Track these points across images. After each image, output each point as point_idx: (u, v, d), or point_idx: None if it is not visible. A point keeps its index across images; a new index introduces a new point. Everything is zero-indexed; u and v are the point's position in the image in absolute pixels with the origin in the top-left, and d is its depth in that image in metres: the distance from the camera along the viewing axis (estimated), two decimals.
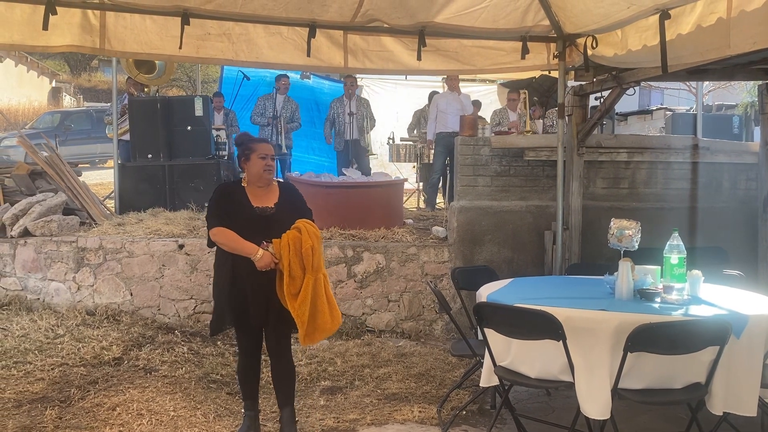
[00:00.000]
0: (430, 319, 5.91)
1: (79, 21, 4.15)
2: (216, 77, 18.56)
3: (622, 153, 5.94)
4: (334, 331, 3.62)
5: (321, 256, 3.52)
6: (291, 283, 3.38)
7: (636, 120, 15.48)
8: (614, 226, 3.82)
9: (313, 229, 3.48)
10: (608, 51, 4.44)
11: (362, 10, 4.27)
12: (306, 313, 3.39)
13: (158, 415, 3.82)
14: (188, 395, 4.16)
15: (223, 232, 3.41)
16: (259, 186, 3.54)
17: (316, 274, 3.43)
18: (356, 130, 8.56)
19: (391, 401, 4.26)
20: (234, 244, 3.40)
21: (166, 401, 4.02)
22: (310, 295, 3.40)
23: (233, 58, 4.42)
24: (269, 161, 3.51)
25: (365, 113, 8.76)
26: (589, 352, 3.12)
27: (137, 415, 3.80)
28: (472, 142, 5.91)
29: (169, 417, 3.82)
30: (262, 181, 3.53)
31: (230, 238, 3.40)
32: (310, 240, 3.41)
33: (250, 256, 3.37)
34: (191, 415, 3.88)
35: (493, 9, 4.39)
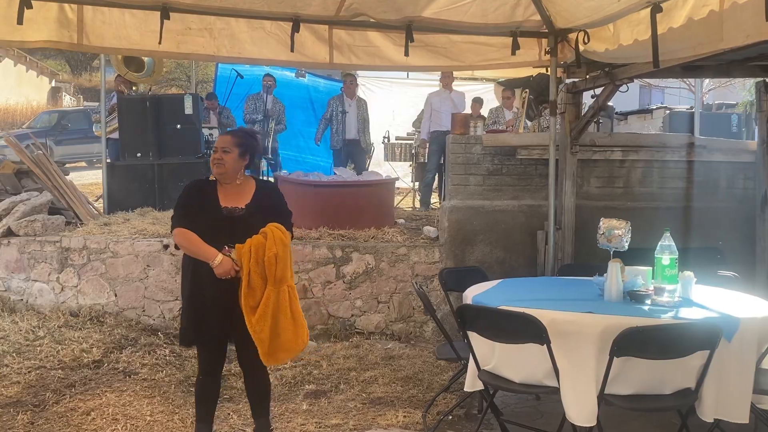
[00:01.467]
0: (420, 320, 5.80)
1: (56, 15, 4.05)
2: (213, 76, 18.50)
3: (616, 151, 5.83)
4: (300, 351, 3.36)
5: (287, 266, 3.18)
6: (250, 295, 3.08)
7: (636, 119, 15.37)
8: (603, 225, 3.71)
9: (281, 235, 3.16)
10: (600, 46, 4.32)
11: (346, 4, 4.16)
12: (265, 330, 3.08)
13: (134, 420, 3.72)
14: (167, 399, 4.06)
15: (183, 233, 3.15)
16: (225, 183, 3.28)
17: (279, 285, 3.12)
18: (355, 129, 8.45)
19: (376, 405, 4.15)
20: (192, 247, 3.14)
21: (143, 405, 3.91)
22: (270, 310, 3.10)
23: (215, 53, 4.32)
24: (220, 154, 3.22)
25: (364, 114, 8.63)
26: (575, 356, 3.01)
27: (112, 420, 3.70)
28: (464, 140, 5.80)
29: (145, 422, 3.71)
30: (219, 177, 3.28)
31: (190, 240, 3.13)
32: (274, 247, 3.10)
33: (209, 261, 3.09)
34: (168, 420, 3.77)
35: (481, 3, 4.29)
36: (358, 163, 8.48)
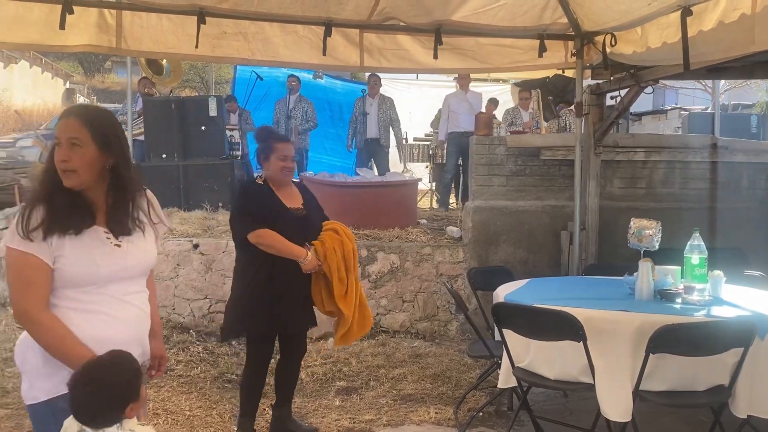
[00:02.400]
0: (444, 319, 5.87)
1: (96, 20, 4.15)
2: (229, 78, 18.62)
3: (639, 152, 5.88)
4: (368, 331, 3.70)
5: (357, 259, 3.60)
6: (340, 285, 3.43)
7: (650, 120, 15.36)
8: (634, 225, 3.77)
9: (349, 231, 3.57)
10: (627, 49, 4.38)
11: (379, 8, 4.24)
12: (353, 314, 3.46)
13: (174, 415, 3.81)
14: (204, 395, 4.15)
15: (269, 233, 3.31)
16: (280, 186, 3.48)
17: (356, 275, 3.52)
18: (375, 128, 8.52)
19: (407, 402, 4.23)
20: (282, 246, 3.32)
21: (181, 401, 4.01)
22: (356, 297, 3.48)
23: (249, 57, 4.41)
24: (288, 163, 3.45)
25: (389, 112, 8.69)
26: (610, 353, 3.07)
27: (153, 415, 3.79)
28: (488, 141, 5.87)
29: (185, 417, 3.81)
30: (278, 181, 3.47)
31: (279, 240, 3.32)
32: (350, 243, 3.49)
33: (298, 258, 3.34)
34: (207, 414, 3.87)
35: (510, 7, 4.36)
36: (380, 163, 8.55)
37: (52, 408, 1.91)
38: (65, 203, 1.91)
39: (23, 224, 1.87)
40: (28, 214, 1.88)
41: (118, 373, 1.81)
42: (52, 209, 1.90)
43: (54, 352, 1.88)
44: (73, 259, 1.90)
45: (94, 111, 2.02)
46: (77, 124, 1.92)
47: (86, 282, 1.93)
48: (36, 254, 1.87)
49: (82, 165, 1.91)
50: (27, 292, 1.87)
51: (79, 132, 1.91)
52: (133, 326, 2.04)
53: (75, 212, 1.93)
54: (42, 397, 1.92)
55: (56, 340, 1.87)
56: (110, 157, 1.96)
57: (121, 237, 2.00)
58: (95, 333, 1.93)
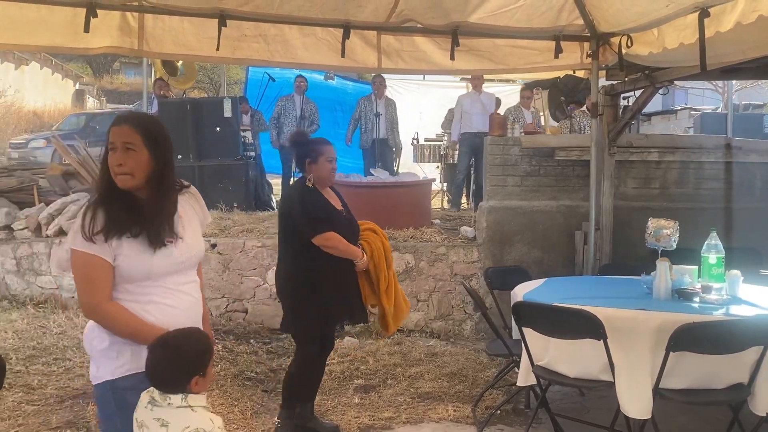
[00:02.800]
0: (459, 319, 5.91)
1: (118, 23, 4.20)
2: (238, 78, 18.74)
3: (653, 153, 5.90)
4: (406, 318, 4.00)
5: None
6: (383, 282, 3.63)
7: (660, 120, 15.36)
8: (652, 225, 3.80)
9: (381, 230, 3.79)
10: (643, 50, 4.40)
11: (397, 11, 4.28)
12: (395, 305, 3.70)
13: None
14: (225, 392, 4.21)
15: (335, 236, 3.47)
16: (323, 188, 3.61)
17: (392, 270, 3.74)
18: (383, 129, 8.57)
19: (425, 400, 4.28)
20: (344, 247, 3.49)
21: None
22: (395, 290, 3.73)
23: (269, 58, 4.46)
24: (335, 164, 3.61)
25: (393, 115, 8.76)
26: (630, 351, 3.11)
27: None
28: (502, 141, 5.90)
29: None
30: (326, 183, 3.61)
31: (341, 242, 3.48)
32: (386, 240, 3.73)
33: (356, 258, 3.52)
34: (229, 411, 3.92)
35: (527, 8, 4.39)
36: (386, 163, 8.60)
37: (113, 387, 2.10)
38: (122, 207, 2.09)
39: (86, 228, 2.03)
40: (90, 218, 2.04)
41: (192, 345, 2.00)
42: (111, 213, 2.08)
43: (124, 336, 2.09)
44: (130, 257, 2.07)
45: (144, 117, 2.21)
46: (131, 130, 2.08)
47: (143, 277, 2.11)
48: (99, 255, 2.04)
49: (136, 168, 2.08)
50: (93, 290, 2.06)
51: (132, 137, 2.07)
52: (187, 313, 2.20)
53: (131, 216, 2.09)
54: (106, 377, 2.11)
55: (123, 325, 2.08)
56: (159, 160, 2.12)
57: (170, 236, 2.14)
58: (154, 322, 2.11)
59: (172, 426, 1.93)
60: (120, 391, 2.10)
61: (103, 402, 2.15)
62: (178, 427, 1.93)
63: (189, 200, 2.30)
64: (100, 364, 2.14)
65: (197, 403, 1.97)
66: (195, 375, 1.97)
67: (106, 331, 2.11)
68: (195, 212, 2.31)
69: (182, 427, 1.92)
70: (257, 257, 5.89)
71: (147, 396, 1.99)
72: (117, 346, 2.10)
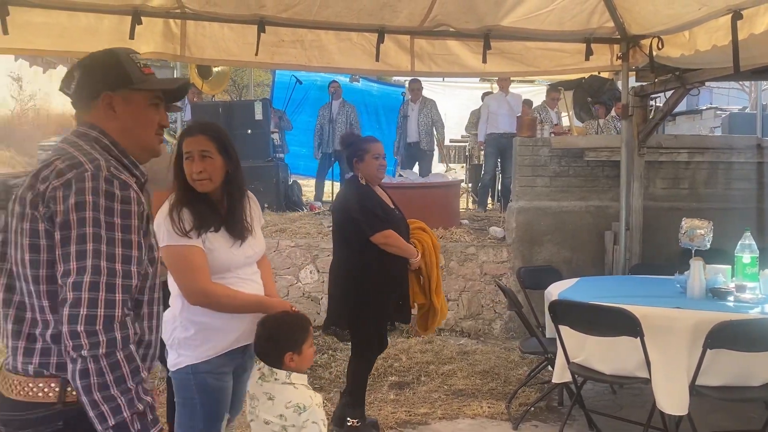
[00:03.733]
0: (488, 318, 5.98)
1: (162, 29, 4.35)
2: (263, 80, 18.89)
3: (682, 153, 5.93)
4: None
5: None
6: (435, 280, 3.71)
7: (685, 120, 15.22)
8: (686, 225, 3.85)
9: (430, 228, 3.86)
10: (675, 52, 4.45)
11: (431, 16, 4.37)
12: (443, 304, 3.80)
13: None
14: None
15: (393, 234, 3.53)
16: (374, 186, 3.69)
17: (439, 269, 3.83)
18: (416, 133, 8.65)
19: (459, 397, 4.36)
20: (402, 245, 3.56)
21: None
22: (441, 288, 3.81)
23: (306, 63, 4.57)
24: (382, 161, 3.65)
25: (431, 114, 8.80)
26: (666, 349, 3.18)
27: None
28: (531, 142, 5.97)
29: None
30: (376, 180, 3.67)
31: (400, 240, 3.55)
32: (435, 239, 3.80)
33: (411, 257, 3.59)
34: None
35: (559, 12, 4.45)
36: (423, 166, 8.67)
37: (194, 370, 2.30)
38: (203, 206, 2.30)
39: (179, 225, 2.24)
40: (179, 218, 2.25)
41: (289, 324, 2.26)
42: (197, 212, 2.31)
43: (235, 309, 2.31)
44: (214, 251, 2.30)
45: (213, 126, 2.40)
46: (205, 139, 2.30)
47: (224, 269, 2.33)
48: (197, 245, 2.27)
49: (214, 173, 2.30)
50: (197, 276, 2.26)
51: (207, 145, 2.29)
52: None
53: (212, 214, 2.33)
54: (186, 362, 2.30)
55: (231, 299, 2.30)
56: (231, 164, 2.34)
57: (246, 231, 2.36)
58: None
59: (277, 400, 2.16)
60: (201, 375, 2.29)
61: (183, 386, 2.33)
62: (281, 401, 2.16)
63: (249, 201, 2.49)
64: (181, 351, 2.33)
65: (299, 381, 2.20)
66: (288, 351, 2.20)
67: (190, 321, 2.30)
68: (255, 212, 2.50)
69: (285, 402, 2.15)
70: (290, 257, 6.01)
71: (258, 372, 2.25)
72: (201, 334, 2.30)
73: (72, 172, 1.46)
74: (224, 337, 2.31)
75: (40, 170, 1.50)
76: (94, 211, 1.42)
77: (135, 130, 1.64)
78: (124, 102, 1.62)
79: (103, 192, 1.44)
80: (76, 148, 1.54)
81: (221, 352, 2.31)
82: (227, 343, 2.33)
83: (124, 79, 1.62)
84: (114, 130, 1.61)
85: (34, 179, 1.49)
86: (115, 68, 1.62)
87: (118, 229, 1.44)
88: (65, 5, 4.04)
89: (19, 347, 1.49)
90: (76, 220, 1.41)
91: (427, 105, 8.84)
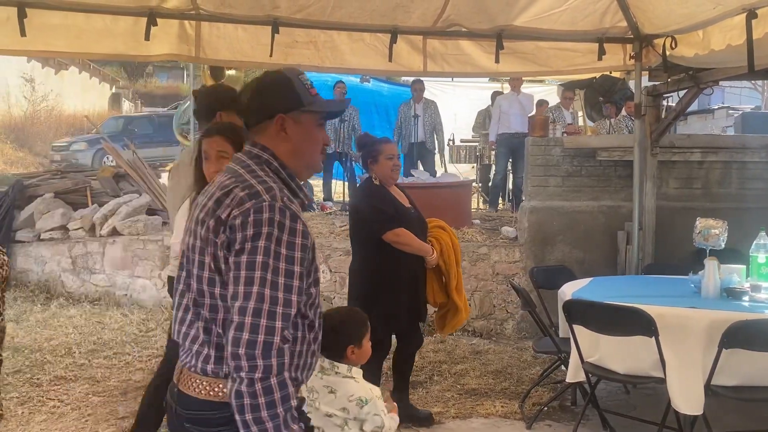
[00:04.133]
0: (500, 318, 5.99)
1: (177, 31, 4.38)
2: None
3: (695, 153, 5.91)
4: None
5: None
6: (454, 278, 3.74)
7: (696, 119, 15.15)
8: (700, 224, 3.84)
9: (450, 227, 3.86)
10: (688, 51, 4.44)
11: (444, 16, 4.39)
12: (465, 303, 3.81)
13: None
14: None
15: (405, 232, 3.55)
16: (389, 186, 3.70)
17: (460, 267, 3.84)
18: (421, 132, 8.68)
19: (472, 396, 4.37)
20: (416, 244, 3.57)
21: None
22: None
23: (319, 64, 4.60)
24: (396, 161, 3.68)
25: (434, 116, 8.83)
26: (681, 348, 3.17)
27: None
28: (543, 142, 5.96)
29: None
30: (390, 181, 3.68)
31: (412, 238, 3.55)
32: (455, 237, 3.80)
33: (427, 255, 3.59)
34: None
35: (572, 11, 4.46)
36: (428, 165, 8.69)
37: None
38: None
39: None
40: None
41: (348, 319, 2.36)
42: None
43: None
44: None
45: (231, 127, 2.44)
46: (222, 140, 2.37)
47: None
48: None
49: None
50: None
51: (224, 146, 2.36)
52: None
53: None
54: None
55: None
56: None
57: None
58: None
59: (339, 393, 2.23)
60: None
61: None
62: (344, 395, 2.22)
63: None
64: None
65: (359, 375, 2.27)
66: (350, 344, 2.29)
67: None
68: None
69: (348, 395, 2.22)
70: None
71: (318, 365, 2.25)
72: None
73: (251, 201, 1.57)
74: None
75: (220, 198, 1.61)
76: (266, 241, 1.53)
77: (304, 150, 1.74)
78: (295, 123, 1.71)
79: (277, 223, 1.55)
80: (251, 174, 1.65)
81: None
82: None
83: (296, 101, 1.70)
84: (284, 151, 1.71)
85: (216, 205, 1.61)
86: (288, 90, 1.71)
87: (284, 260, 1.54)
88: (82, 7, 4.08)
89: (211, 355, 1.61)
90: (250, 248, 1.53)
91: (430, 106, 8.88)
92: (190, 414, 1.63)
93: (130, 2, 4.09)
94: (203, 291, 1.61)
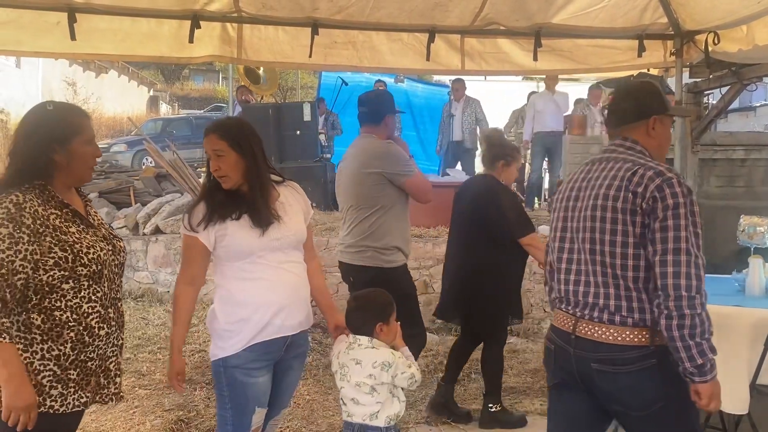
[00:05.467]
0: (537, 317, 5.96)
1: (219, 33, 4.48)
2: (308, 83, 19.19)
3: (738, 150, 5.81)
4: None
5: None
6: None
7: (737, 117, 14.86)
8: (744, 222, 3.79)
9: None
10: (732, 47, 4.37)
11: (482, 15, 4.40)
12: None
13: (295, 398, 4.09)
14: (318, 381, 4.43)
15: (537, 238, 3.72)
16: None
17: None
18: (458, 131, 8.68)
19: (511, 394, 4.38)
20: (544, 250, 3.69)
21: (299, 386, 4.29)
22: None
23: (358, 64, 4.65)
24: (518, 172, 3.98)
25: (475, 113, 8.82)
26: (726, 346, 3.10)
27: None
28: (582, 140, 5.94)
29: (305, 400, 4.09)
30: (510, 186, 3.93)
31: (542, 245, 3.63)
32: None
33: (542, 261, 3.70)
34: (324, 399, 4.14)
35: (611, 9, 4.43)
36: (466, 164, 8.69)
37: (224, 364, 2.37)
38: (222, 198, 2.41)
39: (187, 220, 2.42)
40: (191, 213, 2.43)
41: (376, 298, 2.52)
42: (212, 204, 2.40)
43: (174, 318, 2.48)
44: (235, 236, 2.37)
45: (226, 124, 2.46)
46: (216, 138, 2.37)
47: (247, 253, 2.38)
48: (197, 236, 2.39)
49: (229, 169, 2.36)
50: (183, 268, 2.47)
51: (219, 144, 2.36)
52: (292, 289, 2.45)
53: (232, 203, 2.39)
54: (220, 354, 2.38)
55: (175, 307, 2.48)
56: (247, 157, 2.38)
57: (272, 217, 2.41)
58: (260, 294, 2.37)
59: (364, 363, 2.38)
60: (230, 369, 2.36)
61: (216, 377, 2.43)
62: (368, 363, 2.35)
63: (292, 192, 2.56)
64: (215, 342, 2.44)
65: (379, 345, 2.42)
66: (379, 321, 2.43)
67: (220, 312, 2.38)
68: (298, 202, 2.55)
69: (371, 362, 2.35)
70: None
71: (345, 343, 2.47)
72: (229, 326, 2.38)
73: (659, 178, 2.00)
74: (251, 328, 2.35)
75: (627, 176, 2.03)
76: (686, 208, 1.97)
77: (663, 148, 2.20)
78: (660, 124, 2.16)
79: (687, 193, 1.98)
80: (642, 158, 2.09)
81: (250, 344, 2.34)
82: (253, 334, 2.35)
83: (663, 105, 2.17)
84: (650, 146, 2.14)
85: (621, 182, 2.05)
86: (659, 96, 2.18)
87: (696, 225, 1.99)
88: (128, 11, 4.20)
89: (621, 306, 2.07)
90: (674, 214, 1.96)
91: (471, 104, 8.85)
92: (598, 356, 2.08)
93: (174, 6, 4.19)
94: (615, 253, 2.04)
